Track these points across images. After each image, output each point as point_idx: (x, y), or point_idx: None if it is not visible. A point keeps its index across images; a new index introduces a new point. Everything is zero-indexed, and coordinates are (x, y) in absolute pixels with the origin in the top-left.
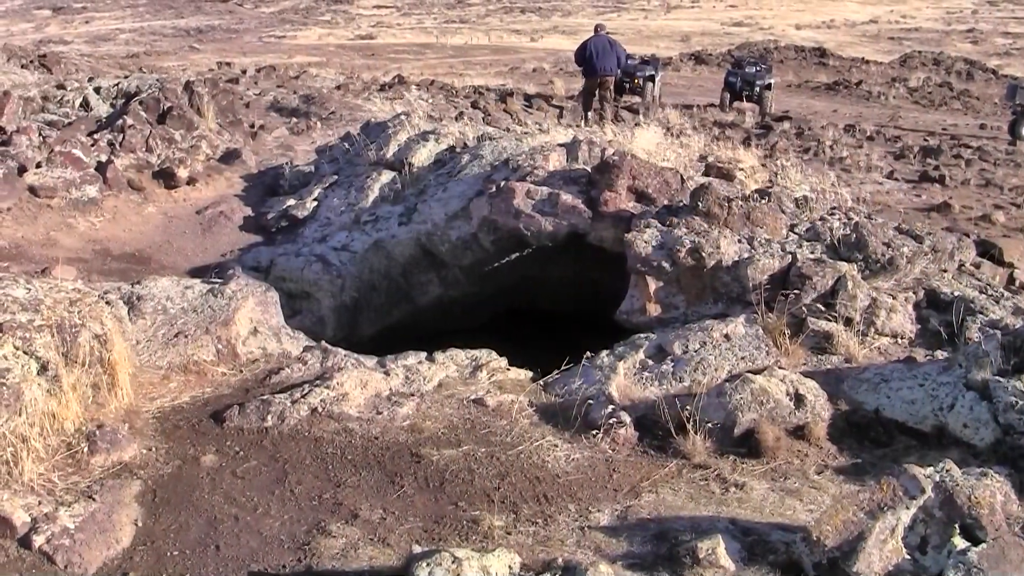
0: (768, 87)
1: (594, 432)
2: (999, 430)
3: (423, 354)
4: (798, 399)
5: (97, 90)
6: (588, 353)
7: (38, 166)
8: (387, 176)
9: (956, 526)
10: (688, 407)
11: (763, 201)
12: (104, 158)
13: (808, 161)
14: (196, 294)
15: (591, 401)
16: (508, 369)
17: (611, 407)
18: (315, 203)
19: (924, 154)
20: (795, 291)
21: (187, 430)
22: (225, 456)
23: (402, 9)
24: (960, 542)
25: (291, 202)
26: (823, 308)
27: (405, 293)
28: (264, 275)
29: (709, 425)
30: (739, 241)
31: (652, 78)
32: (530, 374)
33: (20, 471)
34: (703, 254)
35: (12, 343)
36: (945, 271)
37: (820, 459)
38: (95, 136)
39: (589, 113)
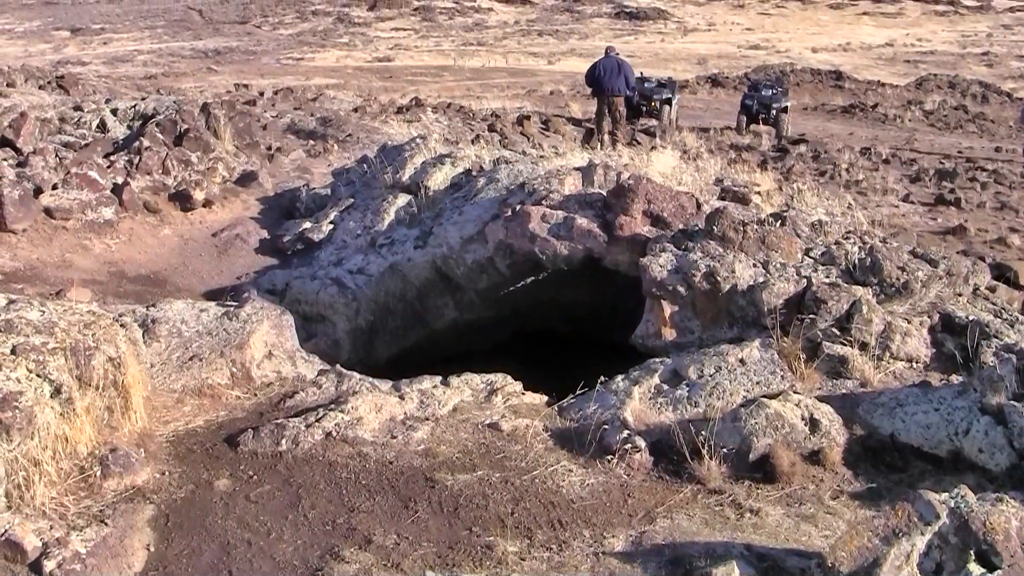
0: (784, 110)
1: (609, 457)
2: (1015, 455)
3: (438, 378)
4: (813, 424)
5: (114, 112)
6: (603, 377)
7: (54, 188)
8: (403, 199)
9: (971, 552)
10: (703, 432)
11: (778, 225)
12: (120, 180)
13: (824, 184)
14: (211, 317)
15: (606, 426)
16: (523, 393)
17: (626, 432)
18: (331, 226)
19: (940, 177)
20: (810, 315)
21: (201, 454)
22: (239, 480)
23: (420, 31)
24: (975, 568)
25: (307, 225)
26: (838, 332)
27: (420, 316)
28: (280, 298)
29: (724, 450)
30: (754, 265)
31: (669, 101)
32: (545, 398)
33: (32, 495)
34: (718, 278)
35: (26, 366)
36: (960, 295)
37: (835, 484)
38: (112, 158)
39: (604, 136)
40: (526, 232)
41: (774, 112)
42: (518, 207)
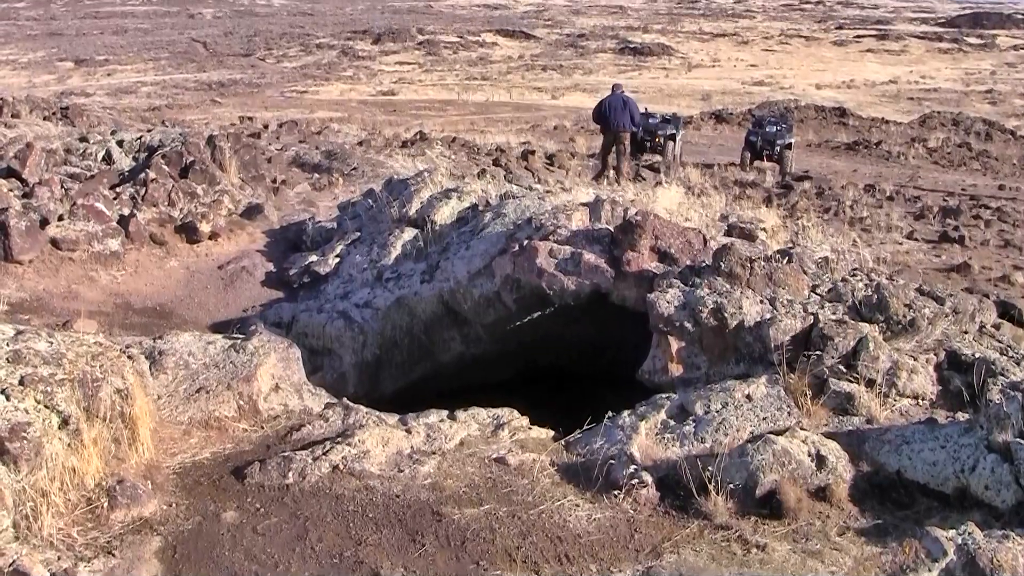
0: (788, 146)
1: (616, 492)
2: (1021, 492)
3: (444, 412)
4: (820, 460)
5: (120, 143)
6: (610, 412)
7: (60, 219)
8: (410, 233)
9: None
10: (710, 467)
11: (785, 262)
12: (127, 212)
13: (828, 221)
14: (218, 349)
15: (613, 461)
16: (530, 428)
17: (633, 467)
18: (337, 259)
19: (944, 214)
20: (817, 352)
21: (208, 486)
22: (246, 513)
23: (424, 65)
24: None
25: (313, 258)
26: (845, 369)
27: (427, 350)
28: (286, 331)
29: (731, 486)
30: (761, 302)
31: (673, 136)
32: (552, 433)
33: (40, 526)
34: (725, 314)
35: (34, 396)
36: (966, 332)
37: (842, 520)
38: (117, 189)
39: (610, 172)
40: (534, 267)
41: (778, 148)
42: (526, 242)
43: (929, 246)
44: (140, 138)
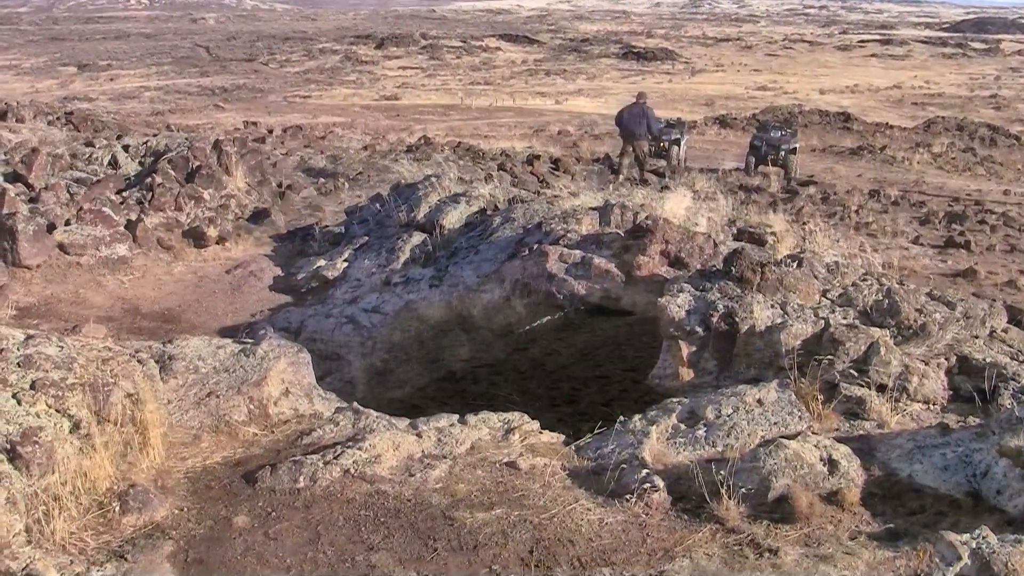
0: (793, 151)
1: (627, 496)
2: None
3: (455, 417)
4: (831, 464)
5: (126, 148)
6: (621, 417)
7: (67, 223)
8: (418, 238)
9: None
10: (721, 472)
11: (796, 267)
12: (134, 216)
13: (834, 226)
14: (228, 354)
15: (624, 465)
16: (540, 432)
17: (644, 471)
18: (345, 264)
19: (949, 219)
20: (828, 356)
21: (219, 490)
22: (257, 517)
23: (427, 70)
24: None
25: (321, 263)
26: (856, 374)
27: (435, 355)
28: (295, 336)
29: (743, 490)
30: (772, 306)
31: (678, 141)
32: (562, 437)
33: (52, 530)
34: (736, 319)
35: (45, 401)
36: (976, 337)
37: (853, 525)
38: (124, 194)
39: (623, 172)
40: (544, 272)
41: (783, 153)
42: (535, 247)
43: (935, 251)
44: (146, 143)
